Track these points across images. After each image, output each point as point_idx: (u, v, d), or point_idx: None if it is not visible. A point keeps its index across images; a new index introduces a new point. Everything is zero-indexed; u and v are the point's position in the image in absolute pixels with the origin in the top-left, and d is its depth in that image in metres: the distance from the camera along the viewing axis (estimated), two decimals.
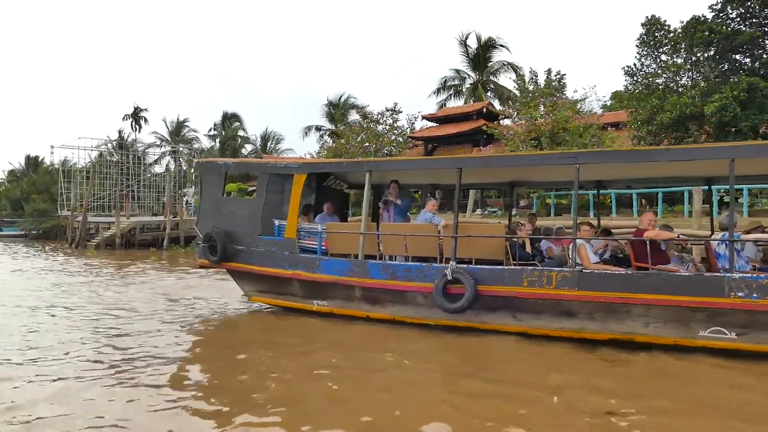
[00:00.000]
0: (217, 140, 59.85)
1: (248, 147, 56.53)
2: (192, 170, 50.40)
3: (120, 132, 57.75)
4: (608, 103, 37.73)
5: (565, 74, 25.17)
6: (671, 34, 26.44)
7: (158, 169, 58.33)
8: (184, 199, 39.85)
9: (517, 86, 25.03)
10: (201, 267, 10.92)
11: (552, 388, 5.82)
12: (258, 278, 10.08)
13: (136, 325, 9.29)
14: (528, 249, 8.54)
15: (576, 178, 7.89)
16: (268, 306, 10.56)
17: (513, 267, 8.00)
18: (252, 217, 10.08)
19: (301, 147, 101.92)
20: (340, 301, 9.30)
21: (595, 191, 11.42)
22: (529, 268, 7.88)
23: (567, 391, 5.74)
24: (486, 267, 8.15)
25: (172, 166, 57.53)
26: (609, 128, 25.62)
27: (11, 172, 68.29)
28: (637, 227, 8.23)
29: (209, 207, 10.70)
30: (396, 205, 9.82)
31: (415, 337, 8.27)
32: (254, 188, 42.62)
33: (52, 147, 64.64)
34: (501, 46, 34.05)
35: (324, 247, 9.61)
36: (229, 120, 60.75)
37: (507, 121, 28.03)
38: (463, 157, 9.15)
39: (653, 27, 26.89)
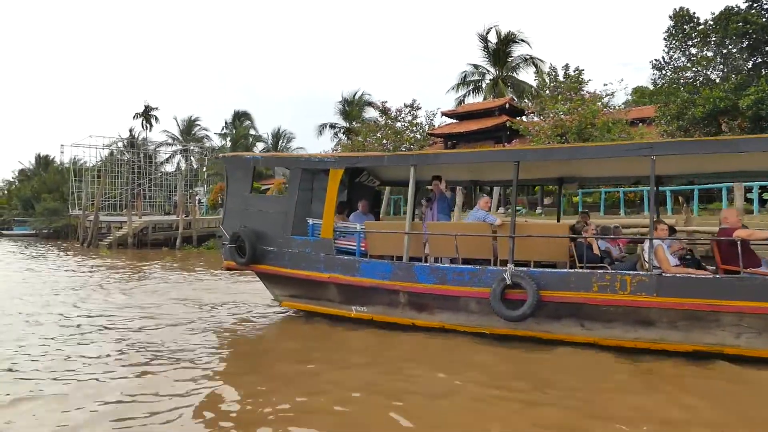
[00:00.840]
0: (228, 139, 59.23)
1: (259, 146, 55.80)
2: (204, 169, 49.86)
3: (131, 130, 57.23)
4: (628, 99, 36.76)
5: (583, 70, 24.28)
6: (701, 27, 25.54)
7: (169, 168, 57.84)
8: (197, 198, 39.20)
9: (539, 81, 24.08)
10: (227, 269, 10.15)
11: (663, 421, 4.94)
12: (290, 282, 9.31)
13: (162, 334, 8.54)
14: (596, 250, 7.71)
15: (653, 171, 7.04)
16: (300, 312, 9.76)
17: (581, 270, 7.19)
18: (283, 215, 9.32)
19: (314, 145, 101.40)
20: (382, 307, 8.52)
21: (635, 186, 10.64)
22: (600, 271, 7.07)
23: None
24: (549, 270, 7.35)
25: (183, 165, 57.07)
26: (639, 124, 24.67)
27: (21, 172, 68.12)
28: (720, 226, 7.36)
29: (236, 205, 9.95)
30: (446, 201, 9.06)
31: (469, 347, 7.47)
32: (268, 187, 42.40)
33: (62, 146, 64.47)
34: (522, 40, 33.20)
35: (363, 248, 8.84)
36: (240, 119, 60.10)
37: (530, 117, 27.11)
38: (521, 149, 8.29)
39: (682, 19, 26.00)
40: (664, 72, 26.78)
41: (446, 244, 8.15)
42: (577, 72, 24.37)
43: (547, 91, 24.60)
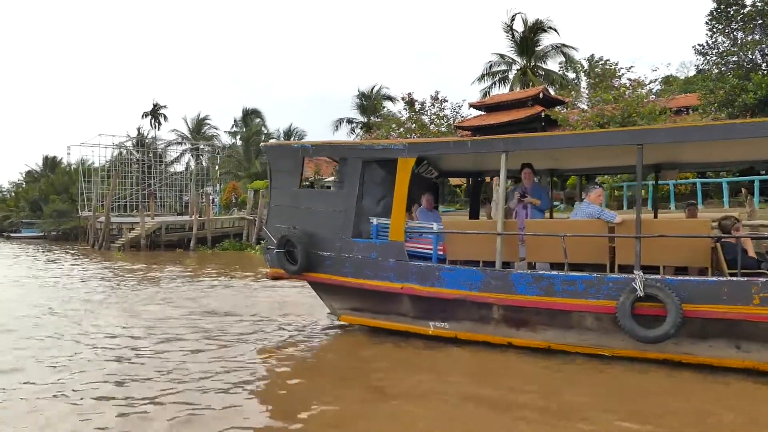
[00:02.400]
0: (238, 137, 57.90)
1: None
2: (216, 168, 48.58)
3: (139, 129, 55.93)
4: (657, 89, 35.23)
5: (617, 62, 22.82)
6: (747, 9, 24.01)
7: (178, 167, 56.56)
8: (211, 197, 37.86)
9: (578, 67, 22.58)
10: (274, 278, 8.70)
11: None
12: (351, 293, 7.89)
13: (200, 363, 7.11)
14: (751, 253, 6.22)
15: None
16: (363, 328, 8.31)
17: (736, 279, 5.73)
18: (341, 214, 7.89)
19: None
20: (469, 323, 7.07)
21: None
22: (762, 279, 5.60)
23: None
24: (692, 279, 5.90)
25: (192, 164, 55.80)
26: (686, 112, 23.12)
27: (29, 173, 66.99)
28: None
29: (283, 202, 8.52)
30: (541, 194, 7.62)
31: (587, 374, 6.05)
32: None
33: (68, 148, 63.22)
34: (550, 28, 31.61)
35: (440, 253, 7.40)
36: (250, 116, 58.72)
37: (568, 107, 25.55)
38: (647, 129, 6.76)
39: (725, 1, 24.44)
40: (708, 57, 25.25)
41: (549, 247, 6.70)
42: (614, 63, 22.92)
43: (583, 81, 23.10)
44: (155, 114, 56.62)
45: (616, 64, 22.32)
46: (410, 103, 26.65)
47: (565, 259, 6.47)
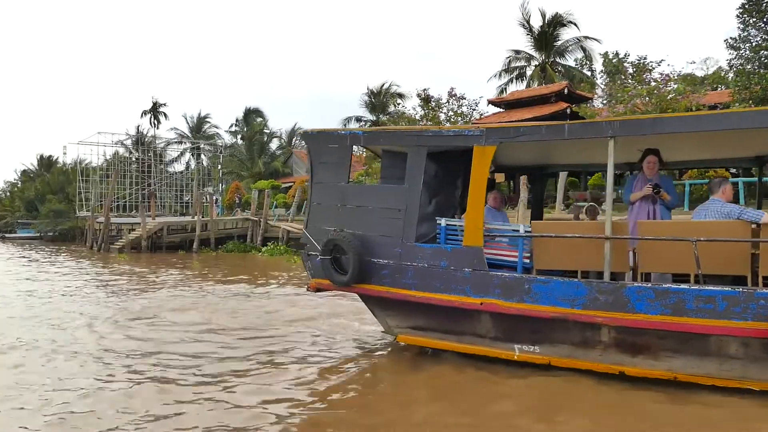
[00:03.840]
0: (239, 137, 56.57)
1: (275, 142, 53.05)
2: (219, 167, 47.22)
3: (138, 128, 54.51)
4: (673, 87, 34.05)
5: (645, 56, 21.59)
6: None
7: (178, 167, 55.16)
8: (214, 197, 36.48)
9: (606, 62, 21.30)
10: (317, 290, 7.35)
11: None
12: (414, 309, 6.59)
13: (236, 393, 5.80)
14: None
15: None
16: (424, 349, 6.99)
17: None
18: (401, 214, 6.58)
19: None
20: (568, 347, 5.78)
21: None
22: None
23: None
24: None
25: (192, 164, 54.44)
26: (718, 108, 21.89)
27: (24, 173, 65.51)
28: None
29: (327, 200, 7.21)
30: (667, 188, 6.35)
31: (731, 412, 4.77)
32: (289, 185, 39.56)
33: (64, 147, 61.84)
34: (570, 22, 30.41)
35: (525, 261, 6.10)
36: (252, 115, 57.40)
37: (591, 103, 24.35)
38: None
39: None
40: (740, 51, 24.08)
41: (671, 254, 5.42)
42: (643, 57, 21.70)
43: (604, 76, 21.84)
44: (155, 112, 55.20)
45: (645, 58, 21.08)
46: (426, 99, 25.35)
47: (698, 270, 5.19)
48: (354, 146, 7.26)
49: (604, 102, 21.98)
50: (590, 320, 5.52)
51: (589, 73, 30.26)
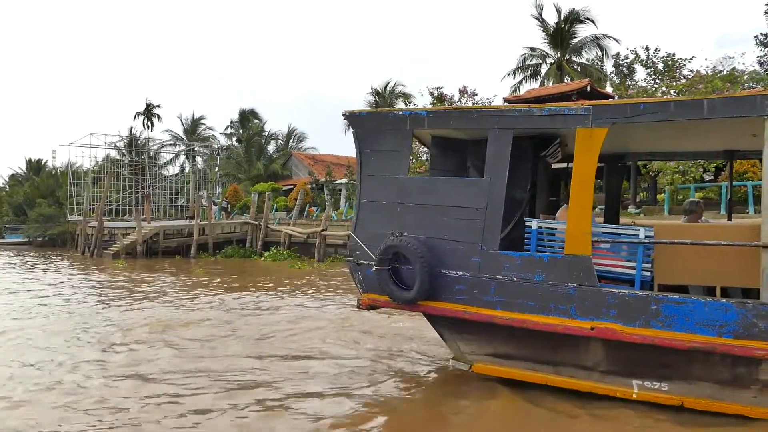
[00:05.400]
0: (234, 139, 55.06)
1: (274, 144, 51.53)
2: (216, 169, 45.68)
3: (131, 129, 52.86)
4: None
5: (673, 53, 20.50)
6: None
7: (172, 169, 53.53)
8: (219, 201, 35.01)
9: (633, 58, 20.17)
10: (370, 308, 6.02)
11: None
12: (497, 332, 5.30)
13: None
14: None
15: None
16: (499, 380, 5.68)
17: None
18: (482, 213, 5.30)
19: (332, 145, 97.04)
20: (710, 385, 4.54)
21: None
22: None
23: None
24: None
25: (187, 167, 52.85)
26: None
27: (12, 177, 63.63)
28: None
29: (381, 196, 5.92)
30: None
31: None
32: (290, 188, 38.06)
33: (53, 151, 60.08)
34: (587, 19, 29.26)
35: (646, 274, 4.84)
36: (247, 117, 55.93)
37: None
38: None
39: None
40: None
41: None
42: (671, 54, 20.59)
43: (641, 72, 20.70)
44: (148, 114, 53.62)
45: (674, 55, 19.97)
46: (440, 98, 24.04)
47: None
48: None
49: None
50: (747, 353, 4.25)
51: (607, 71, 29.23)
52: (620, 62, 31.40)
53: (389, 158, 5.87)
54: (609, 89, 26.66)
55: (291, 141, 54.00)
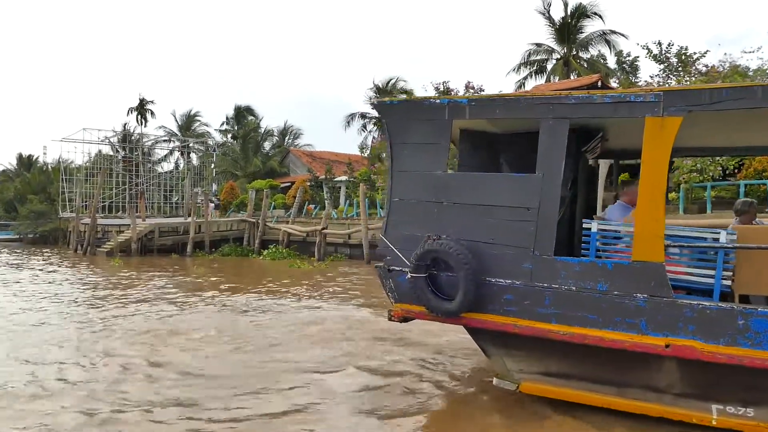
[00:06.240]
0: (229, 135, 54.22)
1: (269, 142, 50.71)
2: (213, 166, 44.90)
3: (125, 125, 51.95)
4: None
5: (686, 46, 20.01)
6: None
7: (167, 166, 52.65)
8: (210, 198, 34.25)
9: (648, 55, 19.61)
10: (403, 319, 5.39)
11: None
12: (552, 349, 4.70)
13: None
14: None
15: None
16: (550, 401, 5.09)
17: None
18: (534, 214, 4.71)
19: (329, 142, 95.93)
20: None
21: None
22: None
23: None
24: None
25: (181, 163, 52.03)
26: None
27: (3, 172, 62.55)
28: None
29: (416, 194, 5.30)
30: None
31: None
32: (287, 185, 37.31)
33: (44, 147, 59.10)
34: (595, 14, 28.72)
35: (726, 283, 4.26)
36: (243, 113, 55.11)
37: None
38: None
39: None
40: None
41: None
42: (684, 48, 20.07)
43: (655, 67, 20.16)
44: (142, 110, 52.70)
45: (686, 49, 19.45)
46: (446, 93, 23.43)
47: None
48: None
49: None
50: None
51: (610, 67, 28.78)
52: (623, 59, 30.97)
53: (425, 152, 5.24)
54: (614, 85, 26.23)
55: (287, 138, 53.29)
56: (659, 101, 4.34)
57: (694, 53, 18.95)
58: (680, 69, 18.32)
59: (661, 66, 18.79)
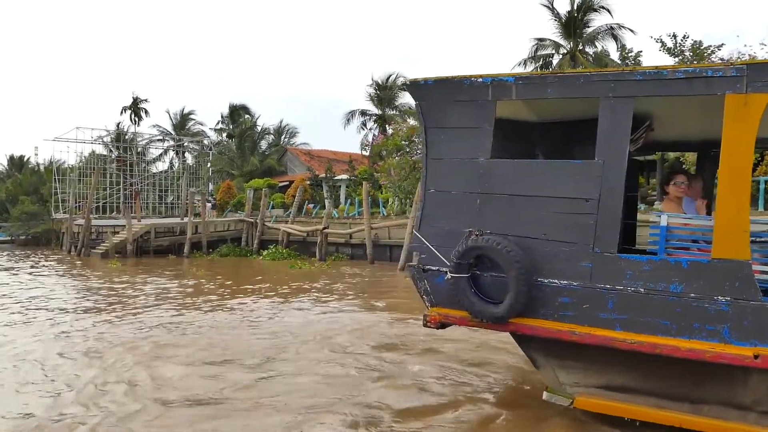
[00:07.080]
0: (225, 134, 53.52)
1: (268, 139, 50.04)
2: (209, 165, 44.20)
3: (118, 125, 51.16)
4: None
5: (700, 40, 19.56)
6: None
7: (161, 165, 51.91)
8: (207, 198, 33.63)
9: (661, 49, 19.11)
10: (441, 325, 4.81)
11: None
12: (613, 358, 4.13)
13: None
14: None
15: None
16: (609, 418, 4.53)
17: None
18: (594, 206, 4.16)
19: (325, 141, 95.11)
20: None
21: None
22: None
23: None
24: None
25: (176, 163, 51.28)
26: None
27: None
28: None
29: (455, 185, 4.74)
30: None
31: None
32: (285, 184, 36.65)
33: (36, 148, 58.25)
34: (602, 8, 28.24)
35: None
36: (238, 111, 54.41)
37: None
38: None
39: None
40: None
41: None
42: (698, 41, 19.61)
43: (669, 60, 19.62)
44: (136, 109, 51.93)
45: (700, 42, 19.01)
46: None
47: None
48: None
49: None
50: None
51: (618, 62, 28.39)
52: (626, 53, 30.54)
53: (465, 137, 4.67)
54: None
55: (283, 137, 52.65)
56: (742, 76, 3.79)
57: (709, 46, 18.50)
58: (695, 62, 17.85)
59: (676, 60, 18.29)
